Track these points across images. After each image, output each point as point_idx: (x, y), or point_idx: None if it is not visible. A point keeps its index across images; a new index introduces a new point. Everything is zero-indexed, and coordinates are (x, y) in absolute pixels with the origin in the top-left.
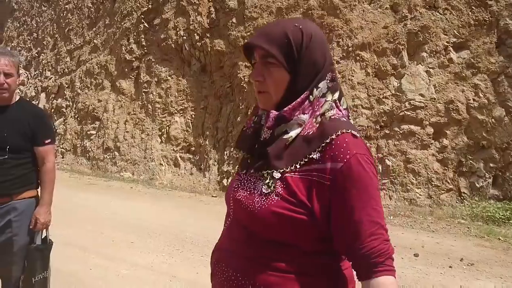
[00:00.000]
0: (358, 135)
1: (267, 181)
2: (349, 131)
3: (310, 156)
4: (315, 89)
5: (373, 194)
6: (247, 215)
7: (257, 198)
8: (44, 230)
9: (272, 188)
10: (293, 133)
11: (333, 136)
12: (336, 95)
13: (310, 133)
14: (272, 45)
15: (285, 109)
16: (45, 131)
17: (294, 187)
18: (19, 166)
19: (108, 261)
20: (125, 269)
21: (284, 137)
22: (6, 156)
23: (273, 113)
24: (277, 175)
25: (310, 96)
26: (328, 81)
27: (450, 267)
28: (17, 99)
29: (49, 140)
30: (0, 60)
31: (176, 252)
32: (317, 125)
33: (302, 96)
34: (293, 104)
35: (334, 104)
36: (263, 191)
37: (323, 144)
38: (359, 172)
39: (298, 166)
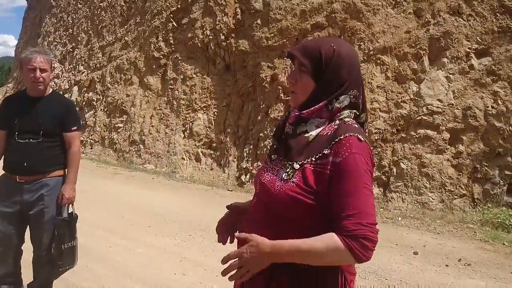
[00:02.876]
0: (363, 139)
1: (288, 170)
2: (356, 134)
3: (323, 152)
4: (335, 100)
5: (359, 187)
6: (268, 195)
7: (278, 183)
8: (70, 205)
9: (290, 176)
10: (313, 133)
11: (342, 137)
12: (357, 110)
13: (328, 133)
14: (306, 57)
15: (303, 111)
16: (73, 120)
17: (308, 177)
18: (50, 149)
19: (126, 241)
20: (140, 248)
21: (305, 135)
22: (40, 139)
23: (295, 112)
24: (296, 166)
25: (329, 105)
26: (352, 97)
27: (447, 265)
28: (50, 92)
29: (75, 127)
30: (36, 58)
31: (188, 237)
32: (335, 127)
33: (320, 104)
34: (311, 109)
35: (352, 115)
36: (283, 177)
37: (333, 142)
38: (352, 168)
39: (313, 159)
